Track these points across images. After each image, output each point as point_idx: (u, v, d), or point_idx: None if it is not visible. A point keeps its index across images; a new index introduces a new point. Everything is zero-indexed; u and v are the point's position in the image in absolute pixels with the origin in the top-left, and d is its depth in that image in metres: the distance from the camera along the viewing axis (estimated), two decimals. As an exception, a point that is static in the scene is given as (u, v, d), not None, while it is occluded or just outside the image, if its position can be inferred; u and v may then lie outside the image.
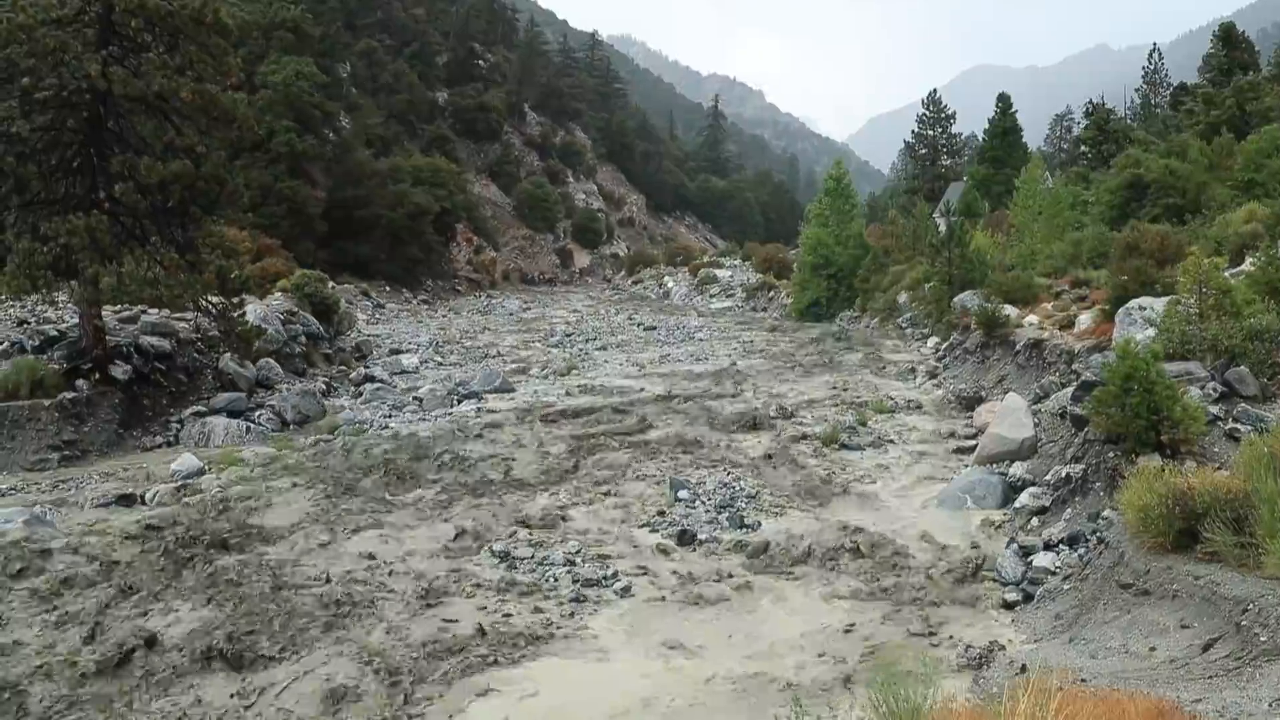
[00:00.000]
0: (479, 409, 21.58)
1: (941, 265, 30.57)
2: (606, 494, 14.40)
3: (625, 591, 10.55)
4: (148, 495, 14.38)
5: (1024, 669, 7.03)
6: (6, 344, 19.51)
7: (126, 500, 14.17)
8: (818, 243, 43.19)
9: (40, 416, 17.17)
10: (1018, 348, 21.28)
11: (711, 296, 58.02)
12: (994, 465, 14.72)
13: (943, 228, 33.35)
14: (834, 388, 23.44)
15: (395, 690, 8.05)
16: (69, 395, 17.82)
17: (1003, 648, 8.53)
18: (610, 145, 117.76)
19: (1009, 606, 9.85)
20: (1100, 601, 8.69)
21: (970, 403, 20.02)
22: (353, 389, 25.03)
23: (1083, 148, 58.91)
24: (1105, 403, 11.24)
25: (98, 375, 18.67)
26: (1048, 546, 10.85)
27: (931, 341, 29.25)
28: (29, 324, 21.15)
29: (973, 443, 16.62)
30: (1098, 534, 10.27)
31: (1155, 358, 11.20)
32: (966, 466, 15.41)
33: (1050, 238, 31.99)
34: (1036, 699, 4.70)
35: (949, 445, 17.24)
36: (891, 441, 17.76)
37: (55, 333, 20.18)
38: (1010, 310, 23.67)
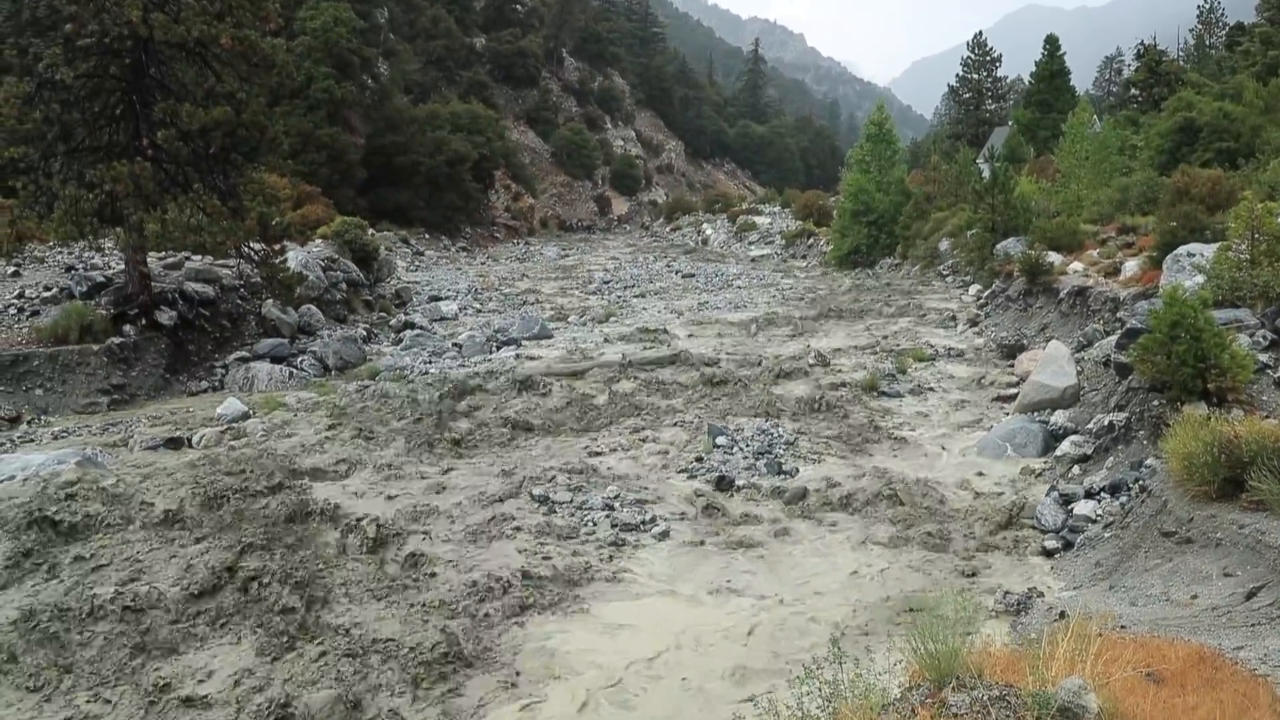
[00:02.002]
0: (518, 355, 21.70)
1: (984, 211, 30.09)
2: (644, 440, 14.47)
3: (663, 536, 10.63)
4: (194, 439, 14.66)
5: (1063, 615, 7.02)
6: (55, 290, 19.85)
7: (174, 443, 14.46)
8: (858, 189, 42.64)
9: (89, 361, 17.50)
10: (1061, 295, 20.98)
11: (750, 244, 57.59)
12: (1035, 413, 14.59)
13: (986, 173, 32.80)
14: (873, 335, 23.29)
15: (443, 632, 8.20)
16: (117, 340, 18.13)
17: (1041, 594, 8.52)
18: (649, 91, 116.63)
19: (1048, 554, 9.81)
20: (1141, 549, 8.64)
21: (1012, 351, 19.81)
22: (393, 335, 25.25)
23: (1133, 91, 57.40)
24: (1151, 350, 11.08)
25: (144, 321, 18.98)
26: (1089, 494, 10.78)
27: (973, 289, 28.89)
28: (76, 270, 21.47)
29: (1014, 391, 16.48)
30: (1140, 482, 10.18)
31: (1204, 304, 11.01)
32: (1007, 414, 15.30)
33: (1097, 183, 31.35)
34: (1076, 644, 4.69)
35: (989, 393, 17.11)
36: (931, 389, 17.65)
37: (102, 279, 20.48)
38: (1054, 257, 23.31)
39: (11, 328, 18.29)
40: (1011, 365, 18.75)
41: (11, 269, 21.27)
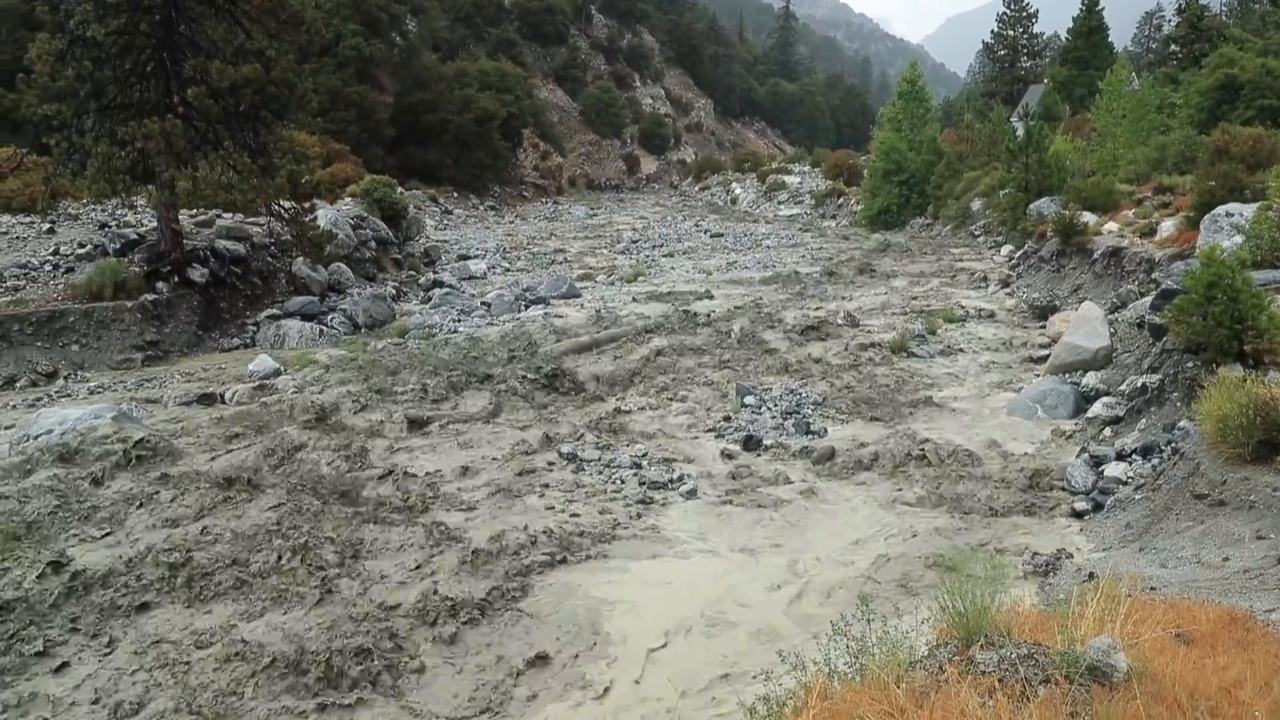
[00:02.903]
0: (546, 314, 21.73)
1: (1018, 171, 29.71)
2: (672, 399, 14.49)
3: (691, 494, 10.67)
4: (227, 395, 14.82)
5: (1092, 576, 7.00)
6: (89, 247, 20.05)
7: (207, 399, 14.65)
8: (890, 148, 42.20)
9: (123, 317, 17.70)
10: (1095, 256, 20.71)
11: (780, 203, 57.19)
12: (1066, 375, 14.47)
13: (1020, 132, 32.31)
14: (903, 296, 23.13)
15: (471, 585, 8.30)
16: (150, 297, 18.32)
17: (1070, 556, 8.48)
18: (678, 48, 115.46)
19: (1078, 515, 9.76)
20: (1173, 512, 8.58)
21: (1043, 312, 19.63)
22: (422, 294, 25.36)
23: (1173, 47, 56.24)
24: (1186, 311, 10.93)
25: (176, 278, 19.15)
26: (1120, 456, 10.70)
27: (1005, 249, 28.60)
28: (109, 227, 21.66)
29: (1045, 352, 16.34)
30: (1173, 444, 10.09)
31: (1242, 265, 10.83)
32: (1038, 376, 15.18)
33: (1134, 142, 30.84)
34: (1105, 604, 4.68)
35: (1020, 354, 16.98)
36: (961, 350, 17.54)
37: (135, 236, 20.65)
38: (1089, 217, 23.00)
39: (47, 284, 18.51)
40: (1043, 326, 18.59)
41: (46, 226, 21.49)
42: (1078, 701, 3.76)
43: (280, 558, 8.57)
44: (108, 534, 9.17)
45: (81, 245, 20.19)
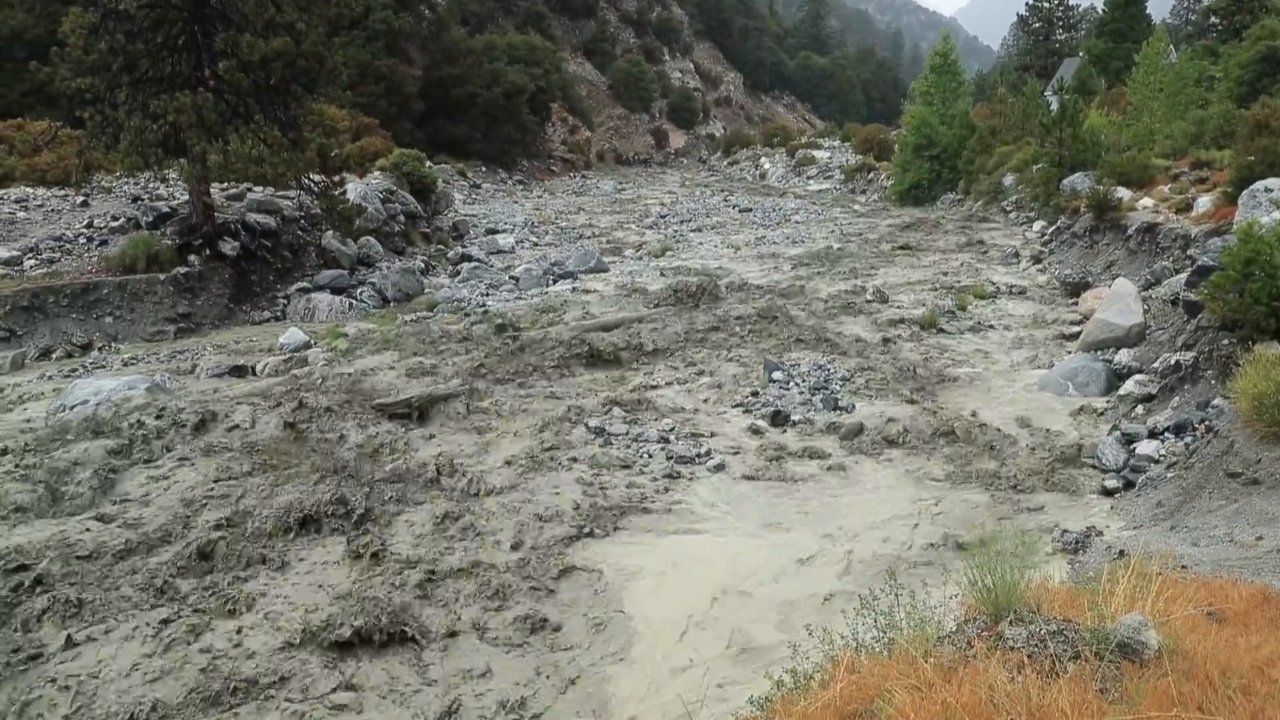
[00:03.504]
0: (574, 289, 21.74)
1: (1051, 146, 29.29)
2: (700, 374, 14.47)
3: (718, 469, 10.68)
4: (258, 367, 14.95)
5: (1122, 554, 6.95)
6: (123, 220, 20.23)
7: (239, 371, 14.78)
8: (921, 122, 41.72)
9: (156, 290, 17.88)
10: (1129, 232, 20.43)
11: (809, 178, 56.78)
12: (1099, 352, 14.33)
13: (1054, 106, 31.86)
14: (933, 272, 22.95)
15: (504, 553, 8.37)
16: (182, 270, 18.48)
17: (1100, 533, 8.44)
18: (708, 21, 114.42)
19: (1109, 493, 9.69)
20: (1205, 490, 8.50)
21: (1076, 288, 19.41)
22: (450, 268, 25.42)
23: (1213, 19, 55.18)
24: (1223, 288, 10.79)
25: (208, 251, 19.29)
26: (1152, 434, 10.60)
27: (1037, 225, 28.26)
28: (142, 200, 21.84)
29: (1077, 329, 16.18)
30: (1206, 422, 9.98)
31: (1280, 241, 10.66)
32: (1069, 353, 15.05)
33: (1171, 116, 30.34)
34: (1136, 582, 4.65)
35: (1052, 331, 16.82)
36: (992, 327, 17.40)
37: (167, 209, 20.82)
38: (1123, 193, 22.67)
39: (82, 256, 18.71)
40: (1075, 303, 18.39)
41: (81, 199, 21.70)
42: (1107, 678, 3.74)
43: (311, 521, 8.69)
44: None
45: (115, 218, 20.38)
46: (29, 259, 18.34)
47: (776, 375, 14.07)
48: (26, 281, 17.19)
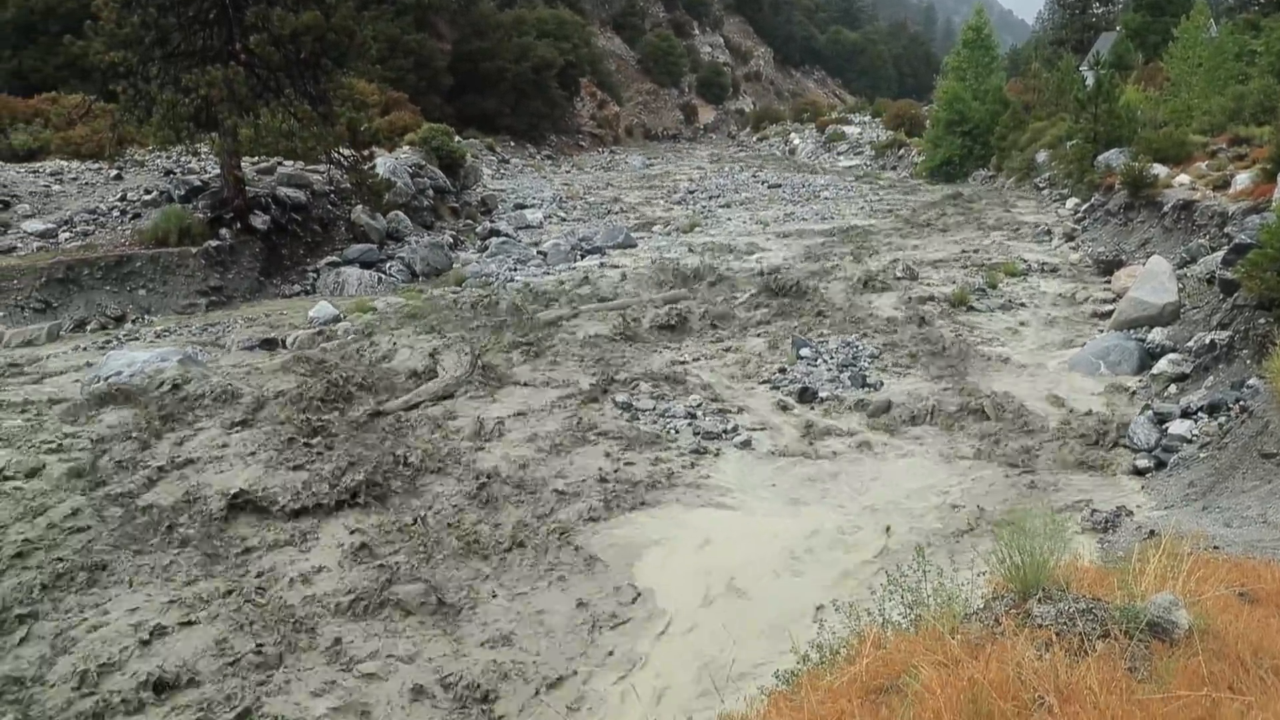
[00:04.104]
0: (602, 264, 21.73)
1: (1086, 121, 28.88)
2: (727, 350, 14.45)
3: (745, 445, 10.67)
4: (288, 340, 15.07)
5: (1153, 534, 6.89)
6: (155, 193, 20.38)
7: (269, 344, 14.91)
8: (953, 98, 41.26)
9: (188, 263, 18.02)
10: (1165, 209, 20.15)
11: (839, 154, 56.35)
12: (1131, 330, 14.18)
13: (1090, 81, 31.39)
14: (964, 249, 22.74)
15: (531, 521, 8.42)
16: (213, 243, 18.61)
17: (1130, 513, 8.36)
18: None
19: (1139, 473, 9.61)
20: (1239, 471, 8.41)
21: (1109, 266, 19.19)
22: (478, 242, 25.46)
23: (1255, -8, 54.07)
24: (1260, 266, 10.63)
25: (239, 225, 19.41)
26: (1185, 414, 10.48)
27: (1070, 202, 27.92)
28: (174, 174, 21.99)
29: (1109, 307, 16.00)
30: (1241, 402, 9.86)
31: (1320, 219, 10.48)
32: (1101, 331, 14.89)
33: (1210, 92, 29.79)
34: (1167, 561, 4.61)
35: (1084, 309, 16.65)
36: (1023, 304, 17.24)
37: (199, 183, 20.95)
38: (1159, 169, 22.33)
39: (115, 230, 18.88)
40: (1108, 281, 18.18)
41: (114, 172, 21.87)
42: (1137, 657, 3.72)
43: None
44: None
45: (147, 191, 20.53)
46: (64, 232, 18.53)
47: (804, 351, 14.02)
48: (61, 254, 17.38)
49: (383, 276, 20.20)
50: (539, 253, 23.41)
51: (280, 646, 6.68)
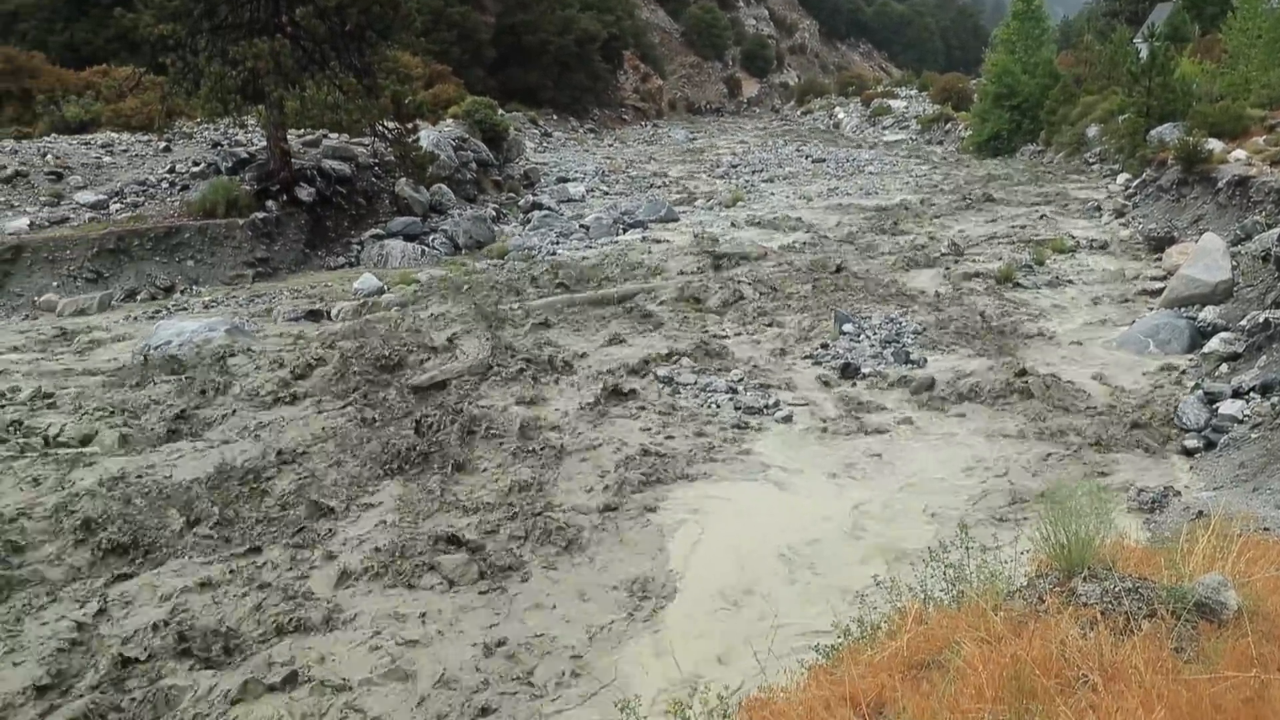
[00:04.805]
0: (644, 238, 21.69)
1: (1139, 95, 28.27)
2: (769, 325, 14.39)
3: (787, 420, 10.64)
4: (333, 311, 15.23)
5: (1201, 514, 6.80)
6: (203, 165, 20.63)
7: (314, 315, 15.09)
8: (1002, 71, 40.56)
9: (235, 235, 18.25)
10: (1219, 185, 19.70)
11: (884, 129, 55.70)
12: (1182, 309, 13.92)
13: (1144, 54, 30.70)
14: (1011, 225, 22.43)
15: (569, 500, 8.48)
16: (260, 215, 18.82)
17: (1178, 493, 8.25)
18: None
19: (1188, 453, 9.46)
20: (1291, 452, 8.26)
21: (1160, 243, 18.83)
22: (521, 216, 25.51)
23: (1318, -38, 52.48)
24: (1318, 244, 10.38)
25: (285, 197, 19.61)
26: (1237, 394, 10.29)
27: (1121, 178, 27.40)
28: (222, 146, 22.23)
29: (1159, 285, 15.72)
30: (1295, 383, 9.67)
31: (1382, 196, 10.20)
32: (1151, 309, 14.64)
33: (1269, 65, 29.01)
34: (1216, 542, 4.55)
35: (1133, 287, 16.36)
36: (1070, 282, 16.98)
37: (246, 155, 21.17)
38: (1214, 144, 21.82)
39: (164, 201, 19.16)
40: (1159, 258, 17.85)
41: (163, 144, 22.16)
42: (1183, 637, 3.69)
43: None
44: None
45: (195, 164, 20.79)
46: (114, 203, 18.83)
47: (847, 327, 13.92)
48: (112, 225, 17.67)
49: (426, 249, 20.32)
50: (581, 226, 23.41)
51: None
